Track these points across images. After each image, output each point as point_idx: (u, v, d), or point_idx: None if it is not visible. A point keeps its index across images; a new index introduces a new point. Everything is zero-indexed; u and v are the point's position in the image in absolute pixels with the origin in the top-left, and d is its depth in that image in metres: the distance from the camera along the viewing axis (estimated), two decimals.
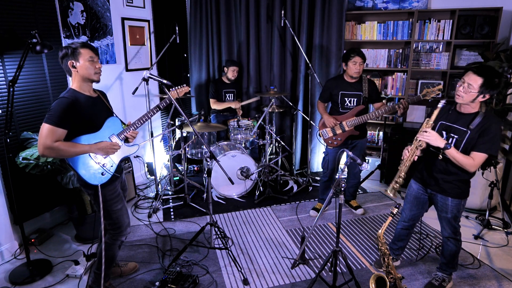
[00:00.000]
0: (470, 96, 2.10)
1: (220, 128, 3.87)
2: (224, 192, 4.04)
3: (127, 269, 2.72)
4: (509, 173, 3.90)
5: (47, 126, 1.93)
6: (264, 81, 4.72)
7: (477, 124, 2.12)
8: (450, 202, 2.30)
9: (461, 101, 2.17)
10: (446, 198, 2.31)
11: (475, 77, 2.07)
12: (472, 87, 2.07)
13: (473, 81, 2.07)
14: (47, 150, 1.94)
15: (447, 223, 2.38)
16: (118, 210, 2.28)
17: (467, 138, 2.15)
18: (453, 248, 2.43)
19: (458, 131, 2.20)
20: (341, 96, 3.33)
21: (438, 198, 2.35)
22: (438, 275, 2.56)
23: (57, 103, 1.98)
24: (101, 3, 3.71)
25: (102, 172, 2.14)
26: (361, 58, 3.18)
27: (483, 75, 2.05)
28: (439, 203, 2.36)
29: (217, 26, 4.74)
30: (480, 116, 2.13)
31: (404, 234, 2.67)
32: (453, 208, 2.31)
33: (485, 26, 3.84)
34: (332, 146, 3.42)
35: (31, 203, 3.12)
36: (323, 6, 4.25)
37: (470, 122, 2.15)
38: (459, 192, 2.28)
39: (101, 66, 2.15)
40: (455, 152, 2.13)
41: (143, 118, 2.32)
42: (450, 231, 2.39)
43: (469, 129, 2.14)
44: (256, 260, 2.91)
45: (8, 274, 2.72)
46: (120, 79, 4.08)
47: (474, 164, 2.11)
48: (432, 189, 2.37)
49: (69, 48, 2.04)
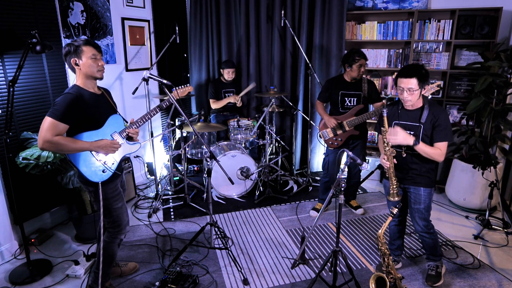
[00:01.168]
0: (415, 96, 2.28)
1: (220, 128, 3.87)
2: (224, 192, 4.04)
3: (127, 269, 2.72)
4: (509, 173, 3.90)
5: (49, 119, 1.94)
6: (264, 81, 4.72)
7: (427, 116, 2.31)
8: (422, 192, 2.43)
9: (411, 104, 2.33)
10: (419, 188, 2.43)
11: (408, 80, 2.23)
12: (413, 89, 2.24)
13: (411, 84, 2.23)
14: (46, 144, 1.94)
15: (420, 215, 2.47)
16: (118, 208, 2.28)
17: (422, 131, 2.32)
18: (430, 241, 2.55)
19: (412, 127, 2.36)
20: (341, 96, 3.33)
21: (411, 190, 2.48)
22: (430, 264, 2.66)
23: (62, 98, 1.99)
24: (101, 3, 3.71)
25: (103, 170, 2.14)
26: (365, 59, 3.21)
27: (413, 75, 2.22)
28: (412, 195, 2.48)
29: (217, 26, 4.74)
30: (426, 109, 2.32)
31: (398, 231, 2.71)
32: (425, 198, 2.43)
33: (485, 26, 3.84)
34: (333, 147, 3.42)
35: (31, 203, 3.12)
36: (323, 6, 4.25)
37: (420, 116, 2.33)
38: (429, 181, 2.42)
39: (104, 64, 2.15)
40: (424, 146, 2.28)
41: (146, 116, 2.32)
42: (422, 225, 2.49)
43: (421, 123, 2.32)
44: (256, 260, 2.91)
45: (8, 274, 2.72)
46: (120, 79, 4.08)
47: (442, 153, 2.28)
48: (405, 183, 2.49)
49: (72, 46, 2.04)
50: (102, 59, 2.14)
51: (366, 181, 4.43)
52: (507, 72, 3.53)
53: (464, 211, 3.73)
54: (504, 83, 3.44)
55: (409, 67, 2.27)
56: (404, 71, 2.26)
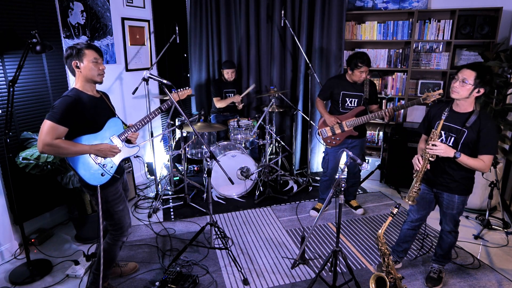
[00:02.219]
0: (465, 90, 2.17)
1: (220, 128, 3.87)
2: (224, 192, 4.04)
3: (127, 269, 2.72)
4: (509, 173, 3.90)
5: (48, 123, 1.93)
6: (264, 81, 4.72)
7: (473, 122, 2.19)
8: (456, 199, 2.36)
9: (457, 96, 2.23)
10: (453, 195, 2.36)
11: (469, 72, 2.15)
12: (467, 81, 2.15)
13: (468, 76, 2.15)
14: (46, 147, 1.93)
15: (451, 218, 2.44)
16: (120, 211, 2.27)
17: (465, 137, 2.22)
18: (452, 240, 2.52)
19: (456, 130, 2.26)
20: (342, 96, 3.33)
21: (444, 196, 2.40)
22: (434, 267, 2.63)
23: (61, 101, 1.99)
24: (101, 3, 3.71)
25: (101, 173, 2.14)
26: (368, 66, 3.15)
27: (476, 69, 2.15)
28: (445, 201, 2.41)
29: (217, 26, 4.74)
30: (475, 115, 2.21)
31: (410, 235, 2.67)
32: (459, 205, 2.38)
33: (485, 26, 3.84)
34: (331, 145, 3.43)
35: (31, 203, 3.12)
36: (323, 6, 4.25)
37: (466, 120, 2.22)
38: (464, 189, 2.35)
39: (105, 68, 2.15)
40: (466, 158, 2.19)
41: (145, 119, 2.32)
42: (452, 226, 2.46)
43: (466, 128, 2.21)
44: (256, 260, 2.91)
45: (8, 274, 2.72)
46: (120, 79, 4.08)
47: (486, 165, 2.18)
48: (438, 189, 2.42)
49: (74, 49, 2.04)
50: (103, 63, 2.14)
51: (366, 181, 4.43)
52: (507, 72, 3.53)
53: (464, 211, 3.72)
54: (504, 83, 3.44)
55: (478, 64, 2.20)
56: (470, 64, 2.20)
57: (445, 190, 2.38)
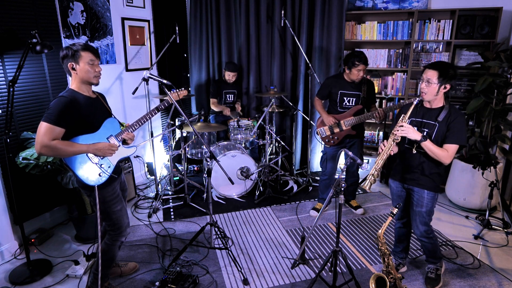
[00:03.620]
0: (432, 89, 2.26)
1: (220, 128, 3.87)
2: (224, 192, 4.04)
3: (127, 269, 2.72)
4: (509, 173, 3.90)
5: (45, 124, 1.93)
6: (264, 81, 4.72)
7: (444, 116, 2.29)
8: (426, 195, 2.39)
9: (427, 98, 2.31)
10: (422, 191, 2.40)
11: (431, 72, 2.24)
12: (432, 81, 2.24)
13: (431, 76, 2.24)
14: (44, 149, 1.93)
15: (421, 218, 2.44)
16: (118, 211, 2.27)
17: (437, 130, 2.30)
18: (429, 246, 2.53)
19: (428, 124, 2.35)
20: (340, 95, 3.33)
21: (415, 191, 2.45)
22: (430, 267, 2.64)
23: (56, 102, 1.98)
24: (101, 3, 3.71)
25: (99, 173, 2.14)
26: (365, 65, 3.17)
27: (437, 68, 2.23)
28: (415, 197, 2.45)
29: (217, 26, 4.74)
30: (445, 110, 2.31)
31: (403, 233, 2.69)
32: (428, 201, 2.40)
33: (485, 26, 3.84)
34: (329, 144, 3.43)
35: (31, 203, 3.12)
36: (323, 6, 4.25)
37: (437, 115, 2.31)
38: (434, 185, 2.39)
39: (101, 70, 2.14)
40: (431, 144, 2.25)
41: (142, 120, 2.32)
42: (422, 230, 2.46)
43: (437, 122, 2.30)
44: (256, 260, 2.91)
45: (8, 274, 2.72)
46: (120, 79, 4.08)
47: (449, 155, 2.25)
48: (409, 184, 2.46)
49: (70, 50, 2.03)
50: (99, 65, 2.13)
51: None
52: (507, 72, 3.53)
53: (464, 211, 3.73)
54: (504, 83, 3.44)
55: (439, 62, 2.29)
56: (431, 63, 2.29)
57: (415, 185, 2.43)
